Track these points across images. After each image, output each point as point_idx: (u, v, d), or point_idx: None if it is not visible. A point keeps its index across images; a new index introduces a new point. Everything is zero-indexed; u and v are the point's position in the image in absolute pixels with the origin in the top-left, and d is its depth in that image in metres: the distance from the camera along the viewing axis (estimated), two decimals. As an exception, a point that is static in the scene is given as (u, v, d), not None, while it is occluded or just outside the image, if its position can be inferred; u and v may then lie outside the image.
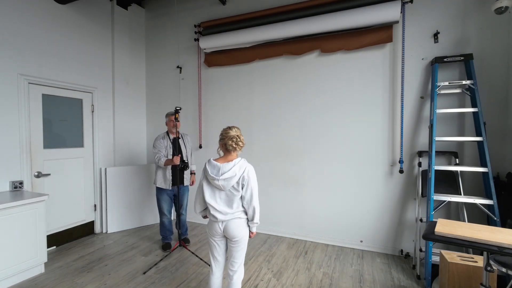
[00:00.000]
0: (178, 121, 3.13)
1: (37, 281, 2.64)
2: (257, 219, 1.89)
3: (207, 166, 1.90)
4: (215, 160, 1.91)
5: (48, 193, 3.00)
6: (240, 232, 1.87)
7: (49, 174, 3.32)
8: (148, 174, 4.25)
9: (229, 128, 1.93)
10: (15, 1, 2.98)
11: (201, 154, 4.27)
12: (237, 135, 1.89)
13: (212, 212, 1.87)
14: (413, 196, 3.12)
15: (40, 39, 3.23)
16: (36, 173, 3.19)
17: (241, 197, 1.86)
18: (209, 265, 2.02)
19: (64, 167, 3.51)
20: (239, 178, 1.82)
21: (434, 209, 2.60)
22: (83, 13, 3.72)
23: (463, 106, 2.89)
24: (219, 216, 1.85)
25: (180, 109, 3.10)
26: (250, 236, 1.96)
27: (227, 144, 1.88)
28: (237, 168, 1.82)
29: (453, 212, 2.97)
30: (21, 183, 3.00)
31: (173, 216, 3.72)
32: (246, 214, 1.90)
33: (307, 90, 3.60)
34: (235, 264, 1.91)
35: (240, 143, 1.89)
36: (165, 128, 3.49)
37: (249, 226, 1.93)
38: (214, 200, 1.88)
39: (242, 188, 1.84)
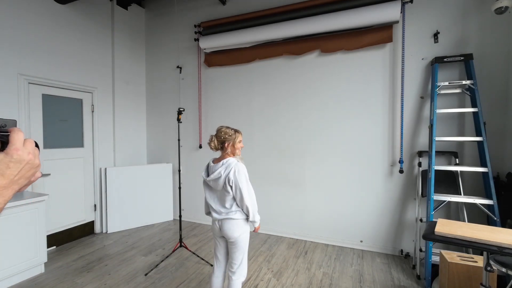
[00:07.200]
0: (181, 121, 3.13)
1: (37, 281, 2.64)
2: (252, 217, 1.85)
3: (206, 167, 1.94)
4: (213, 160, 1.93)
5: (48, 193, 3.01)
6: (234, 233, 1.83)
7: (49, 174, 3.32)
8: (148, 174, 4.24)
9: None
10: (15, 1, 2.98)
11: (201, 154, 4.27)
12: (212, 135, 1.91)
13: (211, 210, 1.93)
14: (413, 196, 3.12)
15: (40, 39, 3.23)
16: (36, 173, 3.19)
17: (233, 198, 1.85)
18: (211, 265, 2.03)
19: (64, 167, 3.51)
20: (225, 179, 1.78)
21: (434, 209, 2.60)
22: (83, 13, 3.72)
23: (463, 106, 2.89)
24: (214, 215, 1.90)
25: (184, 110, 3.11)
26: (254, 231, 1.96)
27: None
28: (223, 169, 1.79)
29: (453, 212, 2.97)
30: (21, 183, 3.00)
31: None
32: (242, 214, 1.87)
33: (307, 90, 3.60)
34: (233, 265, 1.90)
35: (211, 143, 1.87)
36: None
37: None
38: (212, 199, 1.92)
39: (232, 189, 1.80)
